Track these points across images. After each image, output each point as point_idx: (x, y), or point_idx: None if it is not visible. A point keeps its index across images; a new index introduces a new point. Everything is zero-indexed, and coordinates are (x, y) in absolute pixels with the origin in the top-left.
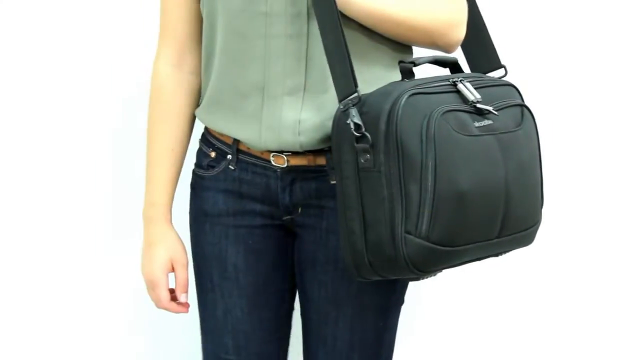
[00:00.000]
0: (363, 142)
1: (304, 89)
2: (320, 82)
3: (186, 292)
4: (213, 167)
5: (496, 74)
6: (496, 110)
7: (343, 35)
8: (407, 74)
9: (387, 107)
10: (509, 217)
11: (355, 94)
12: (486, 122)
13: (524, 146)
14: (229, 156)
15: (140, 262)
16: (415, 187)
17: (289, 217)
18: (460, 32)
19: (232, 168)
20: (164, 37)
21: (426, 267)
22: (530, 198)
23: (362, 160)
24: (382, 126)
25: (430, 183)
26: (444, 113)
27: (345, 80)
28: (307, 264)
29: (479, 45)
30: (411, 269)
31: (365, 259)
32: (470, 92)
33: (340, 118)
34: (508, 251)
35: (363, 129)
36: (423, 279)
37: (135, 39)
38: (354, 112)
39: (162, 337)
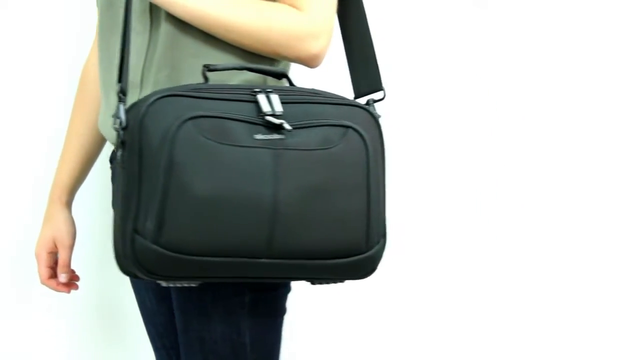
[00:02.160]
0: (121, 138)
1: (141, 85)
2: None
3: (66, 272)
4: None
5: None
6: (302, 128)
7: (125, 30)
8: (204, 78)
9: (143, 105)
10: (281, 239)
11: (119, 90)
12: (274, 137)
13: (325, 168)
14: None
15: None
16: (147, 187)
17: None
18: (312, 46)
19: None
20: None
21: (158, 271)
22: (332, 225)
23: (119, 156)
24: (132, 123)
25: (160, 184)
26: (195, 117)
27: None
28: None
29: (362, 65)
30: (142, 271)
31: (117, 253)
32: (269, 104)
33: None
34: (326, 279)
35: (123, 125)
36: (179, 285)
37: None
38: (120, 107)
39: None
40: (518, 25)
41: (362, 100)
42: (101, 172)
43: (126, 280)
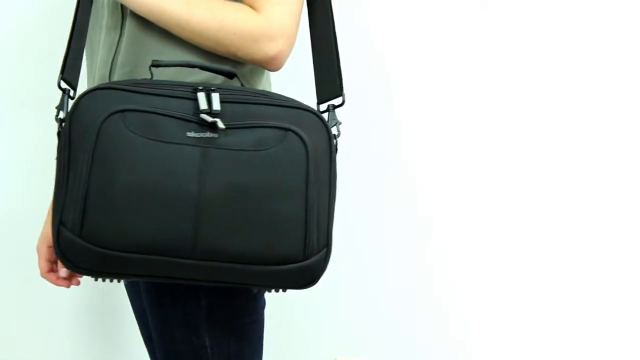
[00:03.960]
0: (57, 129)
1: (109, 80)
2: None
3: None
4: None
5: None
6: (238, 128)
7: (74, 23)
8: (150, 73)
9: (78, 98)
10: (206, 239)
11: (59, 80)
12: (207, 135)
13: (256, 170)
14: None
15: None
16: (73, 179)
17: None
18: (267, 47)
19: None
20: None
21: (82, 264)
22: (262, 229)
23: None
24: (67, 115)
25: (84, 176)
26: (124, 111)
27: None
28: None
29: (325, 71)
30: (67, 264)
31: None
32: (207, 102)
33: None
34: (264, 286)
35: (61, 117)
36: (109, 280)
37: None
38: (64, 99)
39: None
40: (518, 25)
41: (324, 106)
42: None
43: None
